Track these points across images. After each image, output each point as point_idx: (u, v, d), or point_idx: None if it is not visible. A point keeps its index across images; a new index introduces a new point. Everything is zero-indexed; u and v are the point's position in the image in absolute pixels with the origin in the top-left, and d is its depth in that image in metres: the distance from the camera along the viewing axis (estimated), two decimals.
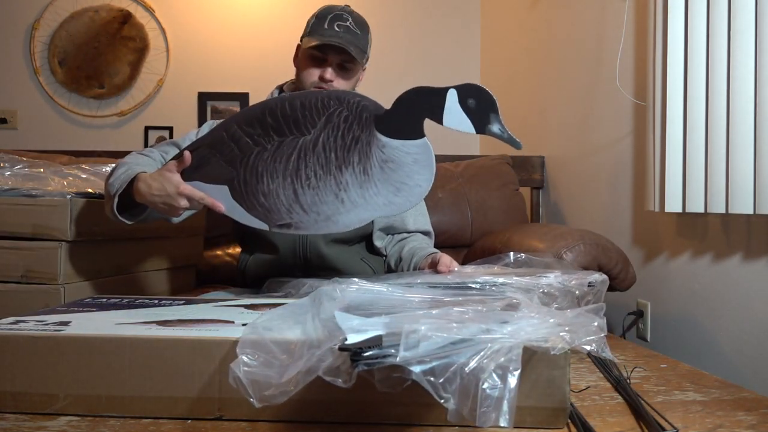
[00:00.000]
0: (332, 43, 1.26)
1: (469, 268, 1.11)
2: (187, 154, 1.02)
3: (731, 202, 1.35)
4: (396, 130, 0.88)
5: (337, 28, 1.27)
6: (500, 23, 2.89)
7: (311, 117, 0.94)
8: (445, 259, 1.19)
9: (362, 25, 1.32)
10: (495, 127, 0.85)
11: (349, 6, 1.36)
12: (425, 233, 1.46)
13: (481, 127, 0.86)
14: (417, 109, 0.87)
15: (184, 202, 1.03)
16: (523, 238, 1.67)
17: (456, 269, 1.14)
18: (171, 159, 1.10)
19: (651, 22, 1.59)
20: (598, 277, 0.97)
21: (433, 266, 1.19)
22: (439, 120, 0.86)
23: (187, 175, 1.05)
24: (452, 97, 0.86)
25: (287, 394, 0.57)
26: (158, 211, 1.09)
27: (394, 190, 0.90)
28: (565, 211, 2.27)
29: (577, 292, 0.93)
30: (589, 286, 0.95)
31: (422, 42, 3.04)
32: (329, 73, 1.29)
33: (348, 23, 1.29)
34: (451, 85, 0.88)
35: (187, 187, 1.02)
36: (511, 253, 1.15)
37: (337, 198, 0.93)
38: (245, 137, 0.98)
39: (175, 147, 1.32)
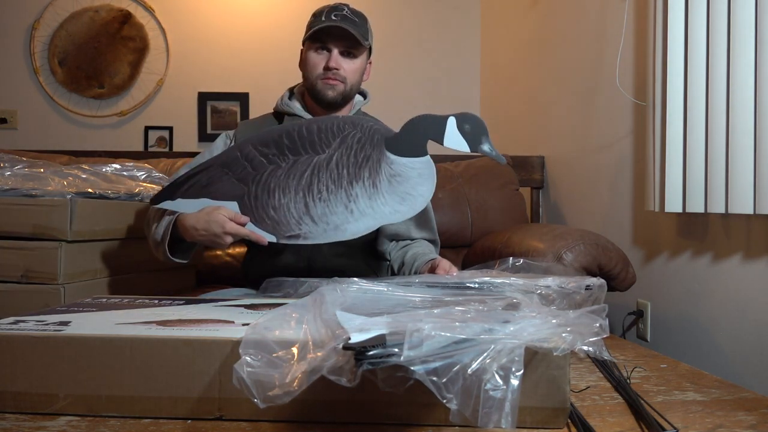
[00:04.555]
0: (330, 25, 1.28)
1: (467, 273, 1.11)
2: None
3: (731, 202, 1.35)
4: (403, 149, 0.99)
5: (334, 17, 1.30)
6: (500, 23, 2.89)
7: (326, 139, 1.03)
8: (444, 264, 1.19)
9: (359, 14, 1.35)
10: (485, 147, 0.99)
11: (347, 4, 1.38)
12: (430, 241, 1.46)
13: (474, 147, 0.99)
14: (421, 132, 1.00)
15: (229, 239, 1.10)
16: (523, 238, 1.67)
17: (455, 274, 1.14)
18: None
19: (651, 22, 1.59)
20: (595, 281, 0.97)
21: (432, 271, 1.19)
22: (440, 141, 0.99)
23: (195, 192, 1.12)
24: (452, 124, 0.98)
25: (291, 394, 0.57)
26: (205, 244, 1.16)
27: (399, 200, 1.01)
28: (565, 211, 2.27)
29: (578, 297, 0.93)
30: (586, 289, 0.95)
31: (422, 42, 3.04)
32: (333, 59, 1.31)
33: (344, 12, 1.32)
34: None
35: (233, 227, 1.08)
36: (510, 258, 1.15)
37: (347, 209, 1.02)
38: (259, 156, 1.07)
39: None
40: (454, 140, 0.99)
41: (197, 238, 1.14)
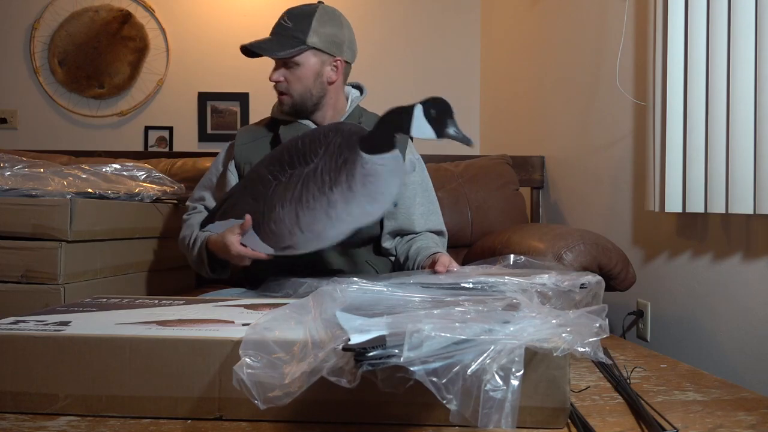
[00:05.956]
0: (247, 47, 1.34)
1: (467, 269, 1.11)
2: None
3: (731, 202, 1.35)
4: (374, 146, 1.02)
5: (274, 29, 1.34)
6: (500, 23, 2.89)
7: (314, 148, 1.08)
8: (444, 259, 1.18)
9: (298, 15, 1.31)
10: (451, 130, 0.99)
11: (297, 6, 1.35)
12: (436, 232, 1.46)
13: (440, 131, 0.99)
14: (391, 124, 1.01)
15: (245, 262, 1.17)
16: (523, 238, 1.67)
17: (455, 269, 1.14)
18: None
19: (651, 22, 1.59)
20: (591, 278, 0.96)
21: (433, 266, 1.19)
22: (408, 132, 1.00)
23: (224, 214, 1.21)
24: (419, 110, 0.99)
25: (291, 395, 0.57)
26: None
27: (371, 200, 1.05)
28: (565, 211, 2.27)
29: (577, 297, 0.92)
30: (581, 287, 0.94)
31: (422, 42, 3.04)
32: (272, 73, 1.35)
33: (282, 20, 1.33)
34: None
35: (239, 250, 1.15)
36: (511, 256, 1.15)
37: (327, 215, 1.06)
38: (268, 174, 1.14)
39: (208, 190, 1.44)
40: (421, 129, 0.99)
41: (222, 257, 1.23)
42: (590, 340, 0.60)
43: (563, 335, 0.62)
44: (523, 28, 2.64)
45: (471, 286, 0.94)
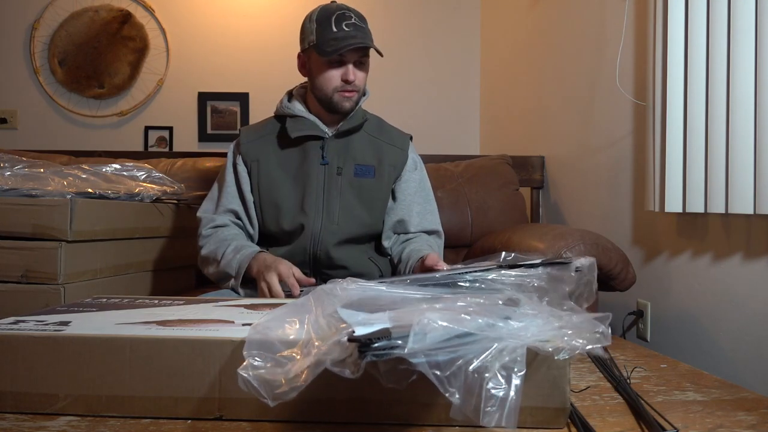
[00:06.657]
0: (356, 47, 1.28)
1: (458, 267, 1.11)
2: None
3: (731, 202, 1.35)
4: None
5: (346, 28, 1.29)
6: (500, 23, 2.89)
7: None
8: (430, 260, 1.19)
9: (362, 17, 1.34)
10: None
11: (335, 2, 1.37)
12: (431, 232, 1.46)
13: None
14: None
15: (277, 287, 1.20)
16: (523, 238, 1.67)
17: (444, 268, 1.14)
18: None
19: (651, 22, 1.59)
20: (584, 261, 0.93)
21: (423, 267, 1.20)
22: None
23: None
24: None
25: (298, 389, 0.57)
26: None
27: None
28: (565, 211, 2.27)
29: (567, 288, 0.90)
30: (576, 271, 0.92)
31: (422, 42, 3.04)
32: (351, 73, 1.32)
33: (353, 20, 1.31)
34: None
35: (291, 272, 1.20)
36: (503, 253, 1.15)
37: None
38: None
39: (231, 196, 1.42)
40: None
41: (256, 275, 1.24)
42: (592, 346, 0.60)
43: (565, 338, 0.62)
44: (523, 28, 2.64)
45: (468, 285, 0.94)
